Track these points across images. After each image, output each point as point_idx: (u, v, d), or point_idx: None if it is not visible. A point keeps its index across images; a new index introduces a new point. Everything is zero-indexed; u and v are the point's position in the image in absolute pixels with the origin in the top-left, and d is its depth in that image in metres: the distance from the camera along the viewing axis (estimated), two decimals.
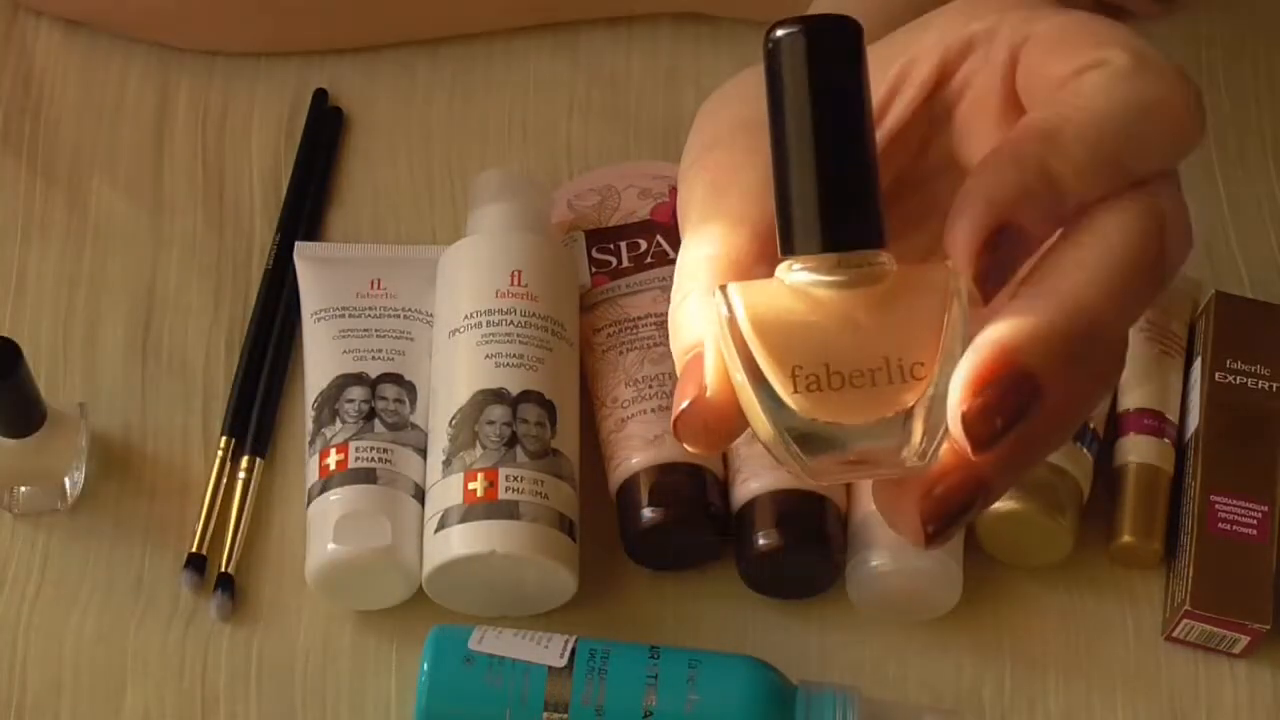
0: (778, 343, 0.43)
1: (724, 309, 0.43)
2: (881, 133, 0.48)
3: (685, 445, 0.45)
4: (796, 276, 0.44)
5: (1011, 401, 0.42)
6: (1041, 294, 0.43)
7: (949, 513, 0.44)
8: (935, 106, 0.48)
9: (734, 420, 0.44)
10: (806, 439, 0.43)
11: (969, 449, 0.42)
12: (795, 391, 0.43)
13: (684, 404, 0.45)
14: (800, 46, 0.43)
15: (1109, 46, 0.45)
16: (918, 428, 0.43)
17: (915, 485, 0.44)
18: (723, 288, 0.44)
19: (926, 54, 0.48)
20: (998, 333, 0.43)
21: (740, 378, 0.43)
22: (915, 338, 0.43)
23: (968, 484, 0.44)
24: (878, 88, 0.48)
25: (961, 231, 0.43)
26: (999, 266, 0.43)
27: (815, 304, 0.43)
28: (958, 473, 0.44)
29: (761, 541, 0.69)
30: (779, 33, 0.43)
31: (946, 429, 0.43)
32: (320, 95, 0.83)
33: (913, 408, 0.43)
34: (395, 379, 0.73)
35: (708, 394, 0.44)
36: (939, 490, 0.44)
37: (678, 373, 0.46)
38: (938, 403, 0.43)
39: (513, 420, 0.69)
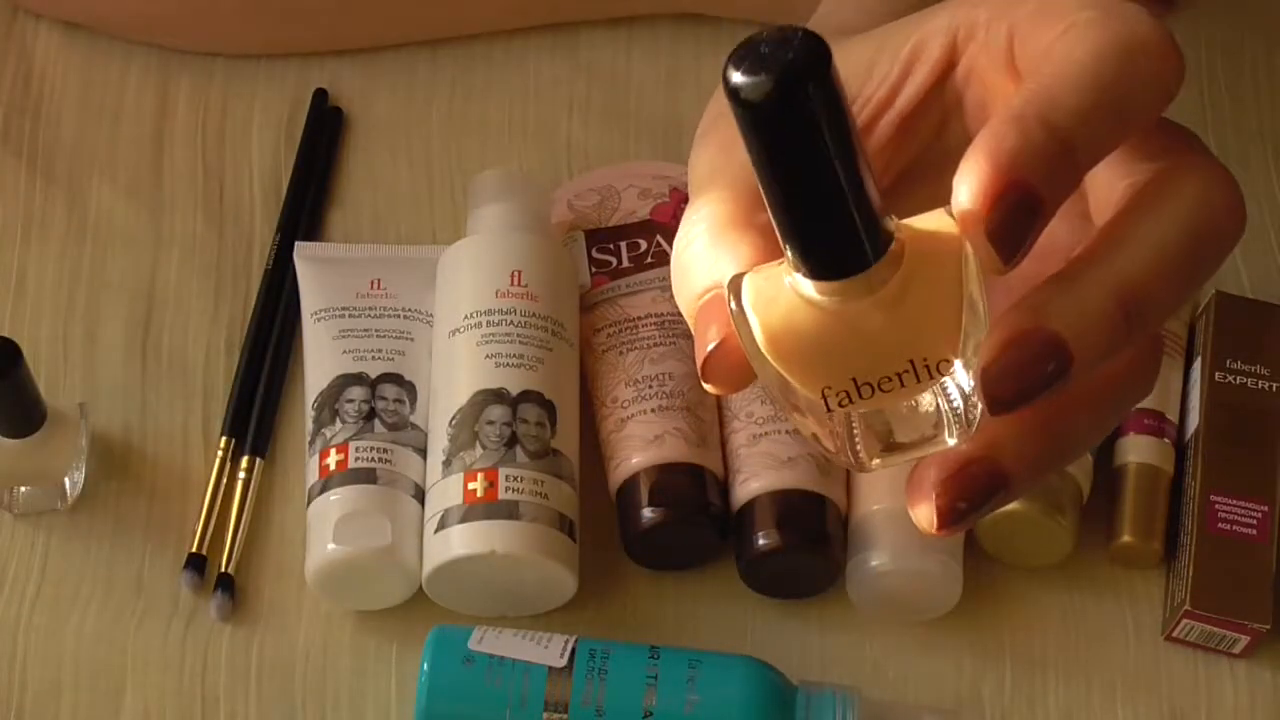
0: (800, 364, 0.42)
1: (733, 305, 0.43)
2: (894, 113, 0.48)
3: (710, 386, 0.44)
4: (803, 287, 0.42)
5: (1039, 365, 0.41)
6: (1087, 264, 0.42)
7: (966, 497, 0.43)
8: (947, 92, 0.48)
9: None
10: (855, 432, 0.43)
11: (987, 407, 0.42)
12: (829, 410, 0.42)
13: (710, 345, 0.44)
14: (764, 92, 0.38)
15: (1083, 8, 0.45)
16: (955, 398, 0.42)
17: (936, 467, 0.44)
18: (734, 284, 0.43)
19: (936, 33, 0.48)
20: (1034, 297, 0.42)
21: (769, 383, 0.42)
22: (935, 332, 0.42)
23: (987, 472, 0.43)
24: (891, 66, 0.47)
25: (968, 192, 0.41)
26: (1012, 227, 0.41)
27: (828, 315, 0.42)
28: (979, 463, 0.43)
29: (761, 541, 0.69)
30: (738, 79, 0.38)
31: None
32: (320, 95, 0.83)
33: (942, 384, 0.42)
34: (395, 379, 0.73)
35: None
36: (959, 473, 0.43)
37: (687, 316, 0.45)
38: (960, 375, 0.42)
39: (513, 420, 0.69)
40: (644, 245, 0.76)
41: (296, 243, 0.78)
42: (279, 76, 0.84)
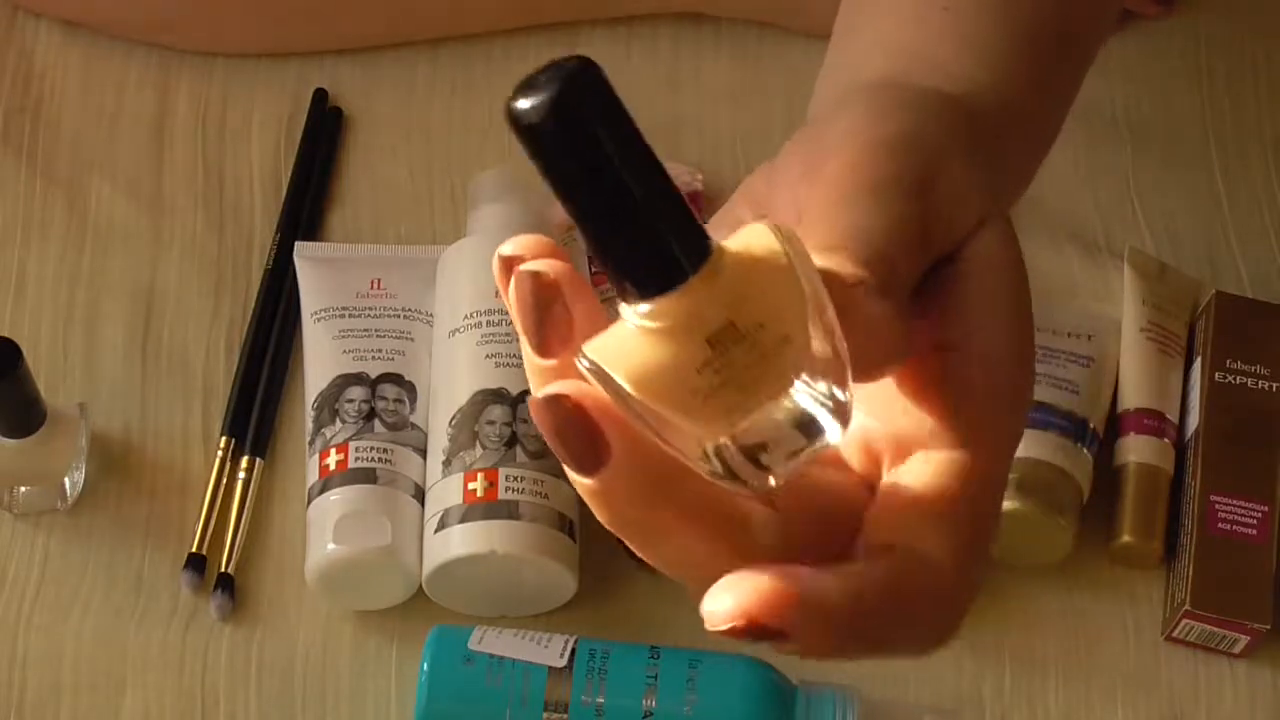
0: (666, 395, 0.41)
1: (587, 366, 0.42)
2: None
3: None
4: (637, 318, 0.42)
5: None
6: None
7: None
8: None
9: None
10: (747, 451, 0.41)
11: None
12: (704, 418, 0.41)
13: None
14: (540, 112, 0.39)
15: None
16: (820, 383, 0.41)
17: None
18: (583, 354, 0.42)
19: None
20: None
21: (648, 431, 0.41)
22: (783, 318, 0.41)
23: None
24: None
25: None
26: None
27: (674, 335, 0.41)
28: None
29: None
30: (518, 106, 0.40)
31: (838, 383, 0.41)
32: (320, 95, 0.83)
33: (804, 374, 0.41)
34: (395, 379, 0.73)
35: None
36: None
37: None
38: (820, 358, 0.41)
39: (513, 420, 0.69)
40: None
41: (296, 243, 0.78)
42: (279, 76, 0.84)
